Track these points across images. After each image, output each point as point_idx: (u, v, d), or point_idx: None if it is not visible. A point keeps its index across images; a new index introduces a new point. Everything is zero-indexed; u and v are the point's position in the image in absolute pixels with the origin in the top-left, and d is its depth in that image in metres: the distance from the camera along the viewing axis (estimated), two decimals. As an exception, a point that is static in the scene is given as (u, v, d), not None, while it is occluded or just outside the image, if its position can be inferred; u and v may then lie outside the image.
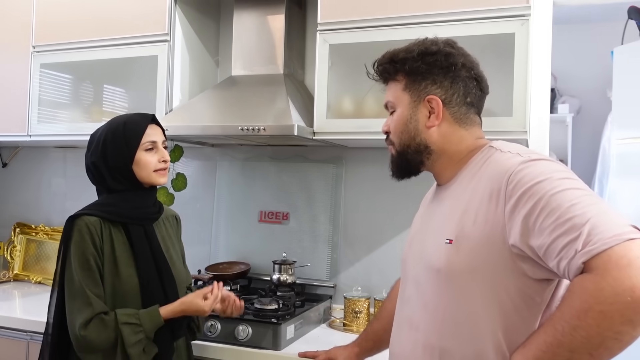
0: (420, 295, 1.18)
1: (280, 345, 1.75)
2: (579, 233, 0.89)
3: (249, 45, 2.25)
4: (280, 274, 2.17)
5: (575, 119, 4.33)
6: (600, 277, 0.86)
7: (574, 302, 0.89)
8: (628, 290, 0.83)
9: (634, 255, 0.84)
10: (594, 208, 0.91)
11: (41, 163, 2.91)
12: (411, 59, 1.18)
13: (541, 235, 0.95)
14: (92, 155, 1.55)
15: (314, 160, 2.35)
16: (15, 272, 2.78)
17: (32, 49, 2.45)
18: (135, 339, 1.43)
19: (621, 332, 0.85)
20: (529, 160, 1.04)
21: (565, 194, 0.94)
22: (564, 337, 0.90)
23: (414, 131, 1.19)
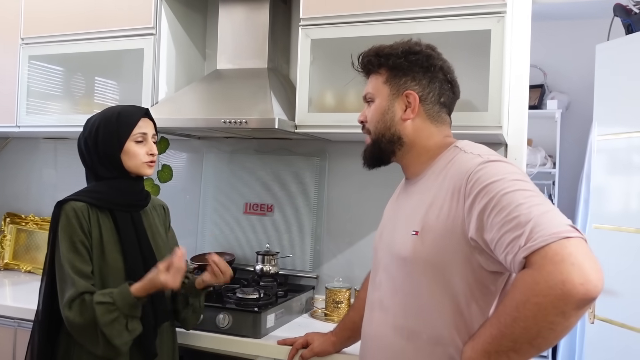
0: (390, 281, 1.26)
1: (260, 333, 1.79)
2: (522, 230, 0.98)
3: (235, 39, 2.28)
4: (264, 264, 2.21)
5: (564, 114, 4.37)
6: (536, 272, 0.94)
7: (515, 295, 0.98)
8: (559, 284, 0.91)
9: (567, 252, 0.92)
10: (539, 208, 0.99)
11: (31, 154, 2.94)
12: (395, 55, 1.28)
13: (492, 230, 1.04)
14: (84, 140, 1.60)
15: (298, 153, 2.39)
16: (5, 261, 2.81)
17: (20, 41, 2.48)
18: (109, 318, 1.43)
19: (554, 322, 0.93)
20: (487, 161, 1.13)
21: (515, 194, 1.03)
22: (507, 329, 0.98)
23: (390, 122, 1.28)
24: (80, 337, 1.47)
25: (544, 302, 0.92)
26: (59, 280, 1.49)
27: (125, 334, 1.46)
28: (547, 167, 4.33)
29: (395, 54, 1.28)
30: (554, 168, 4.31)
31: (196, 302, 1.70)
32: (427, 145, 1.28)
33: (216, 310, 1.84)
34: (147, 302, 1.56)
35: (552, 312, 0.92)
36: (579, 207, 4.19)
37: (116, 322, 1.44)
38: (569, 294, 0.90)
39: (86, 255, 1.50)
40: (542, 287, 0.92)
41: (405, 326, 1.20)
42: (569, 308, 0.91)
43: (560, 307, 0.91)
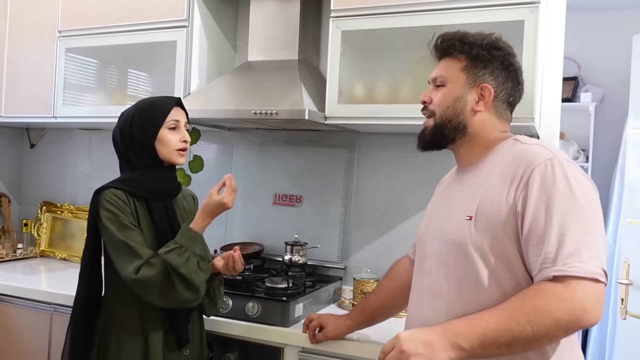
0: (442, 267, 1.27)
1: (288, 321, 1.81)
2: (564, 250, 1.07)
3: (265, 31, 2.30)
4: (292, 254, 2.23)
5: (599, 108, 4.27)
6: (567, 291, 1.05)
7: (539, 301, 1.06)
8: (581, 310, 1.04)
9: (595, 289, 1.05)
10: (587, 236, 1.08)
11: (67, 144, 3.02)
12: (479, 45, 1.29)
13: (533, 231, 1.12)
14: (120, 130, 1.64)
15: (327, 144, 2.40)
16: (41, 248, 2.90)
17: (57, 34, 2.54)
18: (182, 259, 1.49)
19: (556, 337, 1.08)
20: (554, 157, 1.15)
21: (571, 209, 1.10)
22: (517, 326, 1.06)
23: (460, 110, 1.29)
24: (152, 295, 1.49)
25: (563, 319, 1.04)
26: (116, 257, 1.52)
27: (201, 273, 1.52)
28: (580, 161, 4.25)
29: (480, 44, 1.28)
30: (587, 162, 4.23)
31: (210, 289, 1.69)
32: (487, 137, 1.30)
33: (245, 298, 1.87)
34: None
35: (563, 328, 1.05)
36: (612, 201, 4.11)
37: (190, 260, 1.50)
38: (582, 321, 1.04)
39: (136, 229, 1.54)
40: (567, 306, 1.04)
41: (460, 312, 1.19)
42: (573, 330, 1.07)
43: (570, 328, 1.05)
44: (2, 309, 2.28)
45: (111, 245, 1.54)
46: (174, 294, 1.49)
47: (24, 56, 2.64)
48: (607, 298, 4.03)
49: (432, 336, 1.11)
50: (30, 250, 2.87)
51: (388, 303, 1.61)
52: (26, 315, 2.22)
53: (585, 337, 4.22)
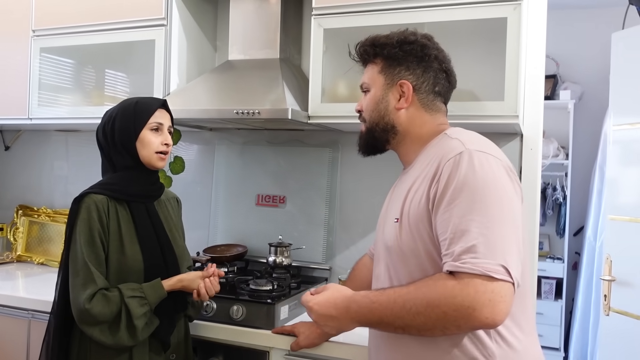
0: (386, 271, 1.29)
1: (274, 324, 1.79)
2: (462, 245, 1.06)
3: (246, 30, 2.27)
4: (276, 256, 2.20)
5: (577, 105, 4.33)
6: (457, 288, 1.04)
7: (431, 294, 1.06)
8: (470, 309, 1.02)
9: (488, 289, 1.03)
10: (488, 233, 1.06)
11: (43, 146, 2.95)
12: (390, 45, 1.29)
13: (442, 228, 1.12)
14: (103, 127, 1.62)
15: (310, 144, 2.38)
16: (18, 253, 2.83)
17: (32, 33, 2.47)
18: (141, 311, 1.49)
19: (449, 329, 1.07)
20: (465, 150, 1.14)
21: (477, 205, 1.08)
22: (408, 315, 1.08)
23: (384, 111, 1.31)
24: (94, 330, 1.47)
25: (450, 314, 1.04)
26: (73, 273, 1.49)
27: (149, 327, 1.52)
28: (560, 159, 4.29)
29: (391, 43, 1.29)
30: (567, 159, 4.27)
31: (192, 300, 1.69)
32: (420, 133, 1.30)
33: (230, 301, 1.84)
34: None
35: (452, 323, 1.05)
36: (592, 198, 4.16)
37: (146, 314, 1.50)
38: (472, 319, 1.03)
39: (101, 251, 1.52)
40: (455, 301, 1.03)
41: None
42: (466, 327, 1.07)
43: (460, 324, 1.05)
44: (-23, 316, 2.21)
45: (74, 256, 1.50)
46: (116, 336, 1.47)
47: (-4, 56, 2.57)
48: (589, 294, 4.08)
49: (338, 313, 1.18)
50: (7, 256, 2.80)
51: None
52: (3, 322, 2.16)
53: (567, 333, 4.26)
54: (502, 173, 1.14)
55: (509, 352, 1.14)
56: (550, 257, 4.36)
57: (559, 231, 4.40)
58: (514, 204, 1.13)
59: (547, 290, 4.29)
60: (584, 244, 4.16)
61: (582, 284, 4.13)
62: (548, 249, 4.48)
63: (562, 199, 4.31)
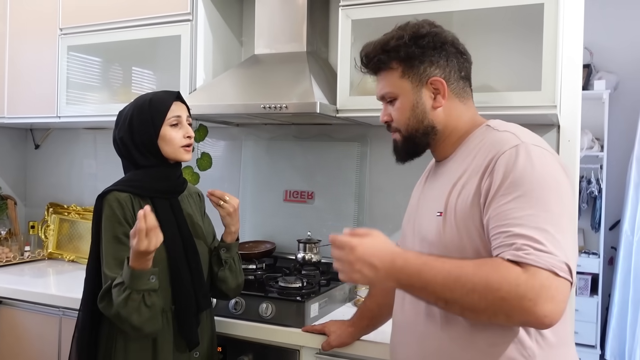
0: None
1: (304, 322, 1.76)
2: (528, 235, 0.99)
3: (272, 23, 2.23)
4: (305, 252, 2.17)
5: (612, 95, 4.19)
6: (523, 277, 0.96)
7: (492, 275, 0.98)
8: (529, 302, 0.94)
9: (553, 286, 0.95)
10: (552, 228, 0.99)
11: (72, 144, 2.97)
12: (404, 44, 1.20)
13: (497, 212, 1.04)
14: (119, 132, 1.59)
15: (338, 138, 2.33)
16: (49, 250, 2.86)
17: (59, 32, 2.49)
18: (121, 298, 1.38)
19: (497, 317, 0.99)
20: (521, 143, 1.08)
21: (539, 200, 1.02)
22: (461, 290, 0.99)
23: (422, 114, 1.23)
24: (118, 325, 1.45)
25: (509, 301, 0.96)
26: (106, 270, 1.48)
27: (144, 311, 1.40)
28: (595, 151, 4.17)
29: (404, 43, 1.19)
30: (602, 151, 4.15)
31: (229, 259, 1.66)
32: (457, 125, 1.23)
33: (259, 299, 1.82)
34: (189, 289, 1.55)
35: (506, 311, 0.97)
36: (628, 191, 4.03)
37: (129, 299, 1.38)
38: (530, 312, 0.95)
39: (124, 251, 1.48)
40: (518, 290, 0.95)
41: (438, 312, 1.15)
42: (517, 319, 0.98)
43: (513, 314, 0.97)
44: (11, 313, 2.24)
45: (104, 256, 1.49)
46: (128, 331, 1.44)
47: (25, 55, 2.59)
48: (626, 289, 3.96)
49: (381, 263, 1.05)
50: (38, 253, 2.83)
51: (384, 303, 1.56)
52: (35, 319, 2.18)
53: (603, 331, 4.15)
54: (559, 169, 1.08)
55: (549, 352, 1.09)
56: (585, 252, 4.24)
57: (594, 225, 4.28)
58: (572, 201, 1.08)
59: (582, 286, 4.18)
60: (621, 238, 4.04)
61: (618, 280, 4.01)
62: (583, 243, 4.36)
63: (597, 192, 4.18)
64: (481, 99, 1.37)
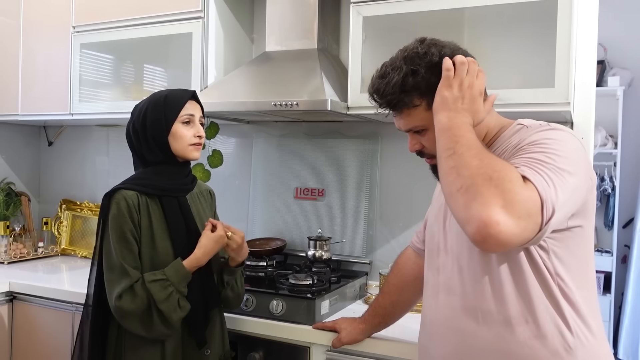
0: (455, 261, 1.21)
1: (314, 319, 1.76)
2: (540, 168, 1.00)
3: (283, 20, 2.23)
4: (316, 250, 2.17)
5: (627, 92, 4.14)
6: (519, 183, 0.97)
7: (500, 162, 1.00)
8: (502, 200, 0.94)
9: (525, 212, 0.95)
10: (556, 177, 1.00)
11: (85, 142, 3.00)
12: (422, 78, 1.15)
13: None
14: (133, 124, 1.60)
15: (349, 136, 2.33)
16: (62, 246, 2.88)
17: (72, 30, 2.50)
18: (165, 294, 1.46)
19: (466, 193, 0.98)
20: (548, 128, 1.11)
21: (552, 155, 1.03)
22: (473, 151, 1.02)
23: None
24: (131, 324, 1.47)
25: (489, 184, 0.96)
26: (107, 269, 1.49)
27: (179, 311, 1.49)
28: (608, 148, 4.13)
29: (422, 76, 1.14)
30: (615, 148, 4.10)
31: (232, 281, 1.67)
32: (488, 130, 1.22)
33: (269, 296, 1.82)
34: (198, 288, 1.56)
35: (478, 190, 0.96)
36: (643, 189, 3.99)
37: (171, 297, 1.47)
38: (490, 207, 0.94)
39: (134, 246, 1.51)
40: (504, 184, 0.96)
41: (478, 307, 1.14)
42: (475, 209, 0.95)
43: (478, 198, 0.95)
44: (25, 308, 2.26)
45: (107, 253, 1.51)
46: (152, 326, 1.47)
47: (38, 53, 2.61)
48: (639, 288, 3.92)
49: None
50: (51, 249, 2.86)
51: (398, 300, 1.56)
52: (48, 314, 2.21)
53: (616, 329, 4.11)
54: (582, 152, 1.10)
55: (587, 345, 1.10)
56: (599, 250, 4.20)
57: (607, 223, 4.24)
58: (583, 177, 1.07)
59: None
60: (634, 237, 4.00)
61: (632, 278, 3.98)
62: (596, 241, 4.32)
63: (611, 189, 4.14)
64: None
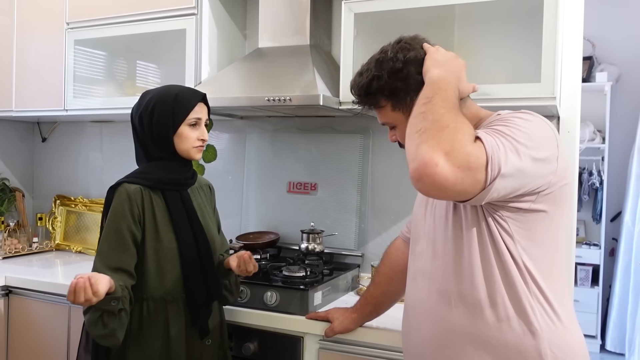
0: (430, 246, 1.26)
1: (307, 310, 1.79)
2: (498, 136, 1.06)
3: (276, 17, 2.26)
4: (309, 243, 2.21)
5: (614, 87, 4.21)
6: (468, 137, 1.03)
7: (460, 117, 1.07)
8: (448, 147, 0.99)
9: (466, 164, 1.00)
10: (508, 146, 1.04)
11: (78, 137, 3.01)
12: (385, 83, 1.22)
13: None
14: (140, 115, 1.61)
15: (341, 131, 2.37)
16: (56, 242, 2.90)
17: (66, 26, 2.51)
18: (88, 308, 1.44)
19: (422, 136, 1.03)
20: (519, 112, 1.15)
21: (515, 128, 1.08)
22: (441, 102, 1.08)
23: None
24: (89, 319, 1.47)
25: (441, 133, 1.01)
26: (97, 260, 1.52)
27: (100, 326, 1.43)
28: (596, 142, 4.19)
29: (385, 82, 1.22)
30: (603, 143, 4.17)
31: (226, 282, 1.71)
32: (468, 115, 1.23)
33: (263, 288, 1.85)
34: (200, 280, 1.59)
35: (432, 136, 1.02)
36: (629, 183, 4.05)
37: (90, 313, 1.43)
38: (434, 151, 0.99)
39: (128, 247, 1.52)
40: (455, 136, 1.01)
41: (450, 290, 1.19)
42: (422, 152, 1.00)
43: (427, 142, 1.01)
44: (20, 302, 2.28)
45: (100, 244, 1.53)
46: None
47: (32, 49, 2.62)
48: (626, 281, 3.98)
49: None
50: (46, 244, 2.87)
51: (388, 290, 1.60)
52: (44, 308, 2.22)
53: (604, 321, 4.18)
54: (551, 136, 1.14)
55: (554, 329, 1.13)
56: (587, 244, 4.26)
57: (595, 217, 4.31)
58: (542, 154, 1.11)
59: (583, 277, 4.21)
60: (622, 230, 4.07)
61: (619, 271, 4.04)
62: (584, 235, 4.38)
63: (599, 183, 4.21)
64: (481, 91, 1.39)
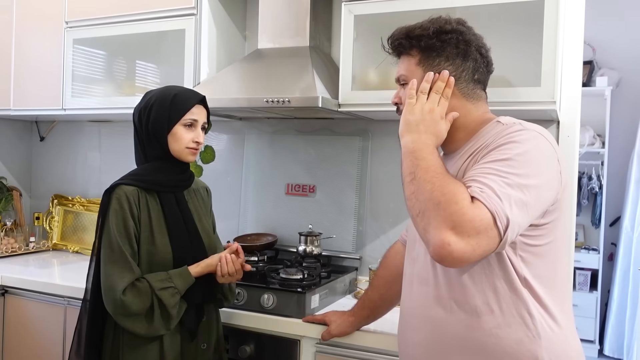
0: (426, 251, 1.23)
1: (304, 313, 1.78)
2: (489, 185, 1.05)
3: (275, 18, 2.25)
4: (306, 245, 2.19)
5: (615, 92, 4.20)
6: (466, 203, 1.03)
7: (451, 186, 1.06)
8: (452, 222, 1.01)
9: (484, 227, 1.01)
10: (513, 192, 1.05)
11: (76, 137, 3.00)
12: (427, 36, 1.24)
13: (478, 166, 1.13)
14: (140, 112, 1.62)
15: (340, 133, 2.36)
16: (54, 241, 2.89)
17: (65, 25, 2.51)
18: (174, 301, 1.51)
19: (423, 217, 1.06)
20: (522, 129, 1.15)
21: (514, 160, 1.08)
22: (430, 175, 1.09)
23: None
24: (128, 320, 1.49)
25: (438, 209, 1.03)
26: (109, 262, 1.50)
27: (178, 315, 1.54)
28: (596, 147, 4.19)
29: (427, 34, 1.24)
30: (603, 148, 4.16)
31: (221, 287, 1.69)
32: (464, 122, 1.26)
33: (260, 290, 1.85)
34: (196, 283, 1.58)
35: (431, 215, 1.04)
36: (629, 188, 4.05)
37: (177, 304, 1.53)
38: (440, 230, 1.02)
39: (134, 244, 1.54)
40: (451, 207, 1.02)
41: (448, 297, 1.19)
42: (431, 233, 1.04)
43: (432, 222, 1.03)
44: (17, 302, 2.27)
45: (108, 249, 1.52)
46: (151, 326, 1.50)
47: (31, 48, 2.61)
48: (625, 285, 3.97)
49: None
50: (43, 244, 2.86)
51: (386, 294, 1.59)
52: (40, 308, 2.22)
53: (602, 326, 4.17)
54: (550, 154, 1.13)
55: (552, 335, 1.13)
56: (585, 248, 4.26)
57: (594, 221, 4.30)
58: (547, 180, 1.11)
59: (581, 281, 4.20)
60: (621, 235, 4.06)
61: (618, 276, 4.04)
62: (583, 239, 4.38)
63: (598, 188, 4.20)
64: (481, 94, 1.40)
